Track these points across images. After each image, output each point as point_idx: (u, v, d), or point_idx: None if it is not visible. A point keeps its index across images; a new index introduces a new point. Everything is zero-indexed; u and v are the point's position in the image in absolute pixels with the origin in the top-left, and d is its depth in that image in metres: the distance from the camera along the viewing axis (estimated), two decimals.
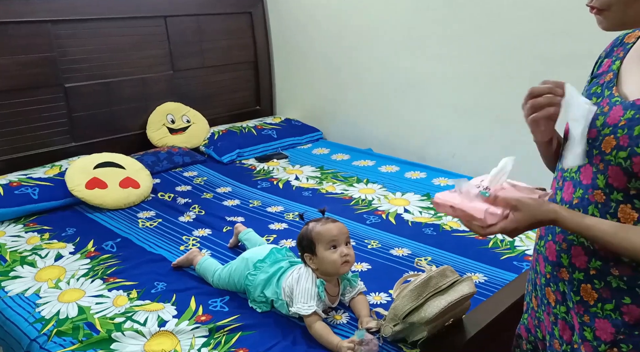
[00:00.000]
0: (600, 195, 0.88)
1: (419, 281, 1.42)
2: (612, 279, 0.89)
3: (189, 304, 1.69)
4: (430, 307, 1.38)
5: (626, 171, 0.84)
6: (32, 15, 2.69)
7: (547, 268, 1.00)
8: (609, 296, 0.89)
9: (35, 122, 2.78)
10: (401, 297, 1.42)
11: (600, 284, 0.90)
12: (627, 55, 0.93)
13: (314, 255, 1.52)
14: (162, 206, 2.47)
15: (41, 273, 1.90)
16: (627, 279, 0.87)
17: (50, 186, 2.46)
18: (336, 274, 1.55)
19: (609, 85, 0.92)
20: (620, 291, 0.88)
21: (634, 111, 0.84)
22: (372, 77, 3.18)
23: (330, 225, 1.53)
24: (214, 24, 3.39)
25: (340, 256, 1.50)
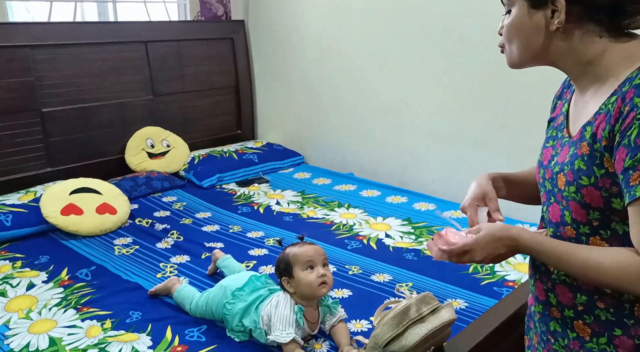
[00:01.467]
0: (571, 230, 0.90)
1: (400, 308, 1.40)
2: (599, 312, 0.89)
3: (164, 334, 1.64)
4: (410, 335, 1.35)
5: (581, 204, 0.86)
6: (11, 40, 2.67)
7: (539, 307, 1.01)
8: (601, 329, 0.89)
9: (10, 147, 2.74)
10: (381, 325, 1.40)
11: (590, 319, 0.90)
12: (573, 96, 0.96)
13: (291, 277, 1.51)
14: (140, 232, 2.42)
15: (11, 303, 1.84)
16: (614, 311, 0.87)
17: (24, 212, 2.40)
18: (314, 296, 1.53)
19: (560, 127, 0.96)
20: (609, 323, 0.88)
21: (574, 148, 0.88)
22: (352, 102, 3.21)
23: (307, 247, 1.55)
24: (195, 50, 3.40)
25: (317, 277, 1.49)
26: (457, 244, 0.92)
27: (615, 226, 0.84)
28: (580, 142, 0.87)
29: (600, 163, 0.83)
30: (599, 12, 0.84)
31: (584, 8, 0.84)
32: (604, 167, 0.83)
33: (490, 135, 2.65)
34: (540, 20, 0.87)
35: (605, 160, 0.82)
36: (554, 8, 0.85)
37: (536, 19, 0.87)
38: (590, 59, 0.87)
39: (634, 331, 0.86)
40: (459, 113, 2.75)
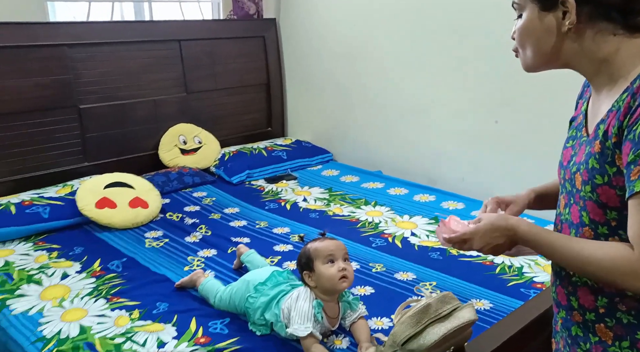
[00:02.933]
0: (589, 231, 0.88)
1: (419, 307, 1.39)
2: (621, 315, 0.87)
3: (189, 326, 1.68)
4: (429, 334, 1.34)
5: (598, 204, 0.85)
6: (51, 39, 2.77)
7: (561, 313, 1.00)
8: (623, 333, 0.88)
9: (49, 142, 2.84)
10: (400, 323, 1.39)
11: (612, 322, 0.89)
12: (590, 95, 0.95)
13: (312, 271, 1.53)
14: (170, 226, 2.48)
15: (46, 292, 1.92)
16: (635, 313, 0.86)
17: (60, 205, 2.50)
18: (334, 290, 1.53)
19: (579, 127, 0.96)
20: (631, 326, 0.86)
21: (589, 146, 0.87)
22: (382, 100, 3.19)
23: (328, 241, 1.56)
24: (227, 48, 3.45)
25: (338, 271, 1.49)
26: (458, 233, 0.96)
27: None
28: (594, 141, 0.86)
29: (612, 161, 0.81)
30: (609, 11, 0.83)
31: (594, 8, 0.83)
32: (615, 165, 0.81)
33: (519, 137, 2.59)
34: (551, 22, 0.87)
35: (616, 158, 0.81)
36: (564, 9, 0.85)
37: (547, 21, 0.87)
38: (604, 58, 0.86)
39: None
40: (488, 113, 2.70)
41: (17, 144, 2.73)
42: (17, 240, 2.34)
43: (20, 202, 2.45)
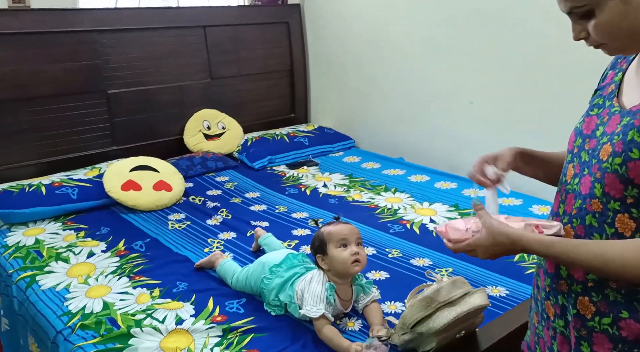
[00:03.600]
0: (597, 204, 0.87)
1: (430, 291, 1.41)
2: (609, 292, 0.87)
3: (207, 304, 1.73)
4: (439, 318, 1.36)
5: (622, 178, 0.82)
6: (80, 25, 2.84)
7: (547, 281, 0.98)
8: (606, 309, 0.87)
9: (79, 126, 2.93)
10: (410, 306, 1.41)
11: (597, 297, 0.88)
12: (630, 66, 0.92)
13: (325, 255, 1.55)
14: (192, 209, 2.54)
15: (73, 269, 2.00)
16: (625, 292, 0.85)
17: (88, 186, 2.58)
18: (347, 274, 1.55)
19: (610, 96, 0.93)
20: (617, 304, 0.86)
21: (629, 117, 0.84)
22: (404, 86, 3.17)
23: (341, 225, 1.57)
24: (252, 34, 3.48)
25: (350, 255, 1.51)
26: (461, 243, 0.98)
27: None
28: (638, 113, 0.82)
29: None
30: None
31: None
32: None
33: (542, 123, 2.54)
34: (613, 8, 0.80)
35: None
36: None
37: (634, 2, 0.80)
38: None
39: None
40: (511, 99, 2.66)
41: (49, 127, 2.82)
42: (47, 219, 2.43)
43: (50, 184, 2.54)
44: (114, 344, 1.54)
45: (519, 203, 2.47)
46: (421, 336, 1.38)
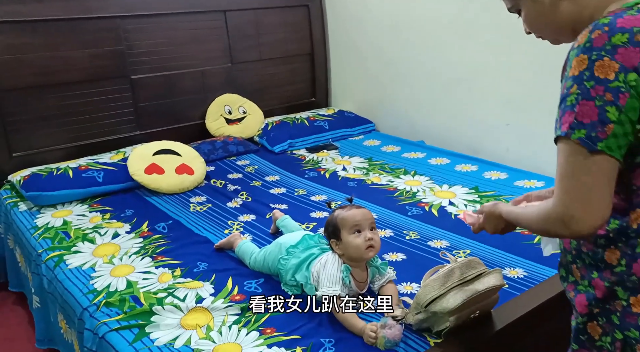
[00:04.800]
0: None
1: (444, 271, 1.41)
2: (584, 256, 0.96)
3: (225, 284, 1.77)
4: (453, 298, 1.36)
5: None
6: (104, 11, 2.89)
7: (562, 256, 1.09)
8: (585, 273, 0.96)
9: (104, 111, 2.99)
10: (424, 286, 1.42)
11: (579, 263, 0.97)
12: None
13: (339, 240, 1.56)
14: (213, 192, 2.59)
15: (98, 249, 2.06)
16: (592, 255, 0.94)
17: (113, 170, 2.65)
18: (361, 259, 1.57)
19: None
20: (590, 266, 0.95)
21: None
22: (426, 69, 3.13)
23: (355, 210, 1.57)
24: (272, 17, 3.48)
25: (365, 241, 1.52)
26: (474, 225, 1.24)
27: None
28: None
29: None
30: None
31: None
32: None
33: None
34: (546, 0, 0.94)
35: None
36: None
37: (542, 1, 0.95)
38: (593, 11, 0.92)
39: (605, 274, 0.92)
40: (534, 80, 2.60)
41: (76, 112, 2.89)
42: (74, 202, 2.51)
43: (77, 167, 2.62)
44: (136, 320, 1.59)
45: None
46: (435, 315, 1.39)
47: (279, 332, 1.50)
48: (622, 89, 0.80)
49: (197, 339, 1.50)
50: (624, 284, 0.89)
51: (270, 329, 1.52)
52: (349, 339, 1.46)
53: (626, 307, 0.90)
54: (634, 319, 0.89)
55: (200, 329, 1.54)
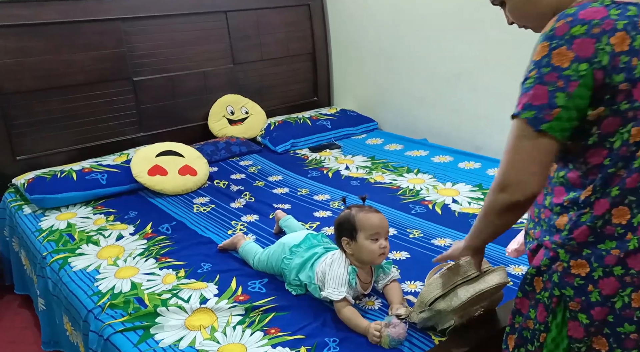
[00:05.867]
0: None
1: (447, 269, 1.41)
2: (542, 222, 1.06)
3: (230, 284, 1.77)
4: (457, 296, 1.36)
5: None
6: (105, 13, 2.89)
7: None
8: (539, 236, 1.07)
9: (107, 113, 3.00)
10: (428, 284, 1.41)
11: (538, 228, 1.07)
12: None
13: (353, 241, 1.53)
14: (216, 193, 2.59)
15: (103, 251, 2.07)
16: (547, 220, 1.04)
17: (117, 172, 2.65)
18: (371, 263, 1.57)
19: None
20: (544, 231, 1.05)
21: None
22: (428, 67, 3.13)
23: (375, 217, 1.54)
24: (273, 17, 3.48)
25: (379, 248, 1.51)
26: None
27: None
28: None
29: None
30: None
31: None
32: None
33: None
34: None
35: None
36: None
37: None
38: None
39: (554, 238, 1.01)
40: None
41: (79, 115, 2.90)
42: (78, 204, 2.52)
43: (80, 170, 2.62)
44: (141, 322, 1.59)
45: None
46: (439, 313, 1.39)
47: (283, 332, 1.50)
48: (573, 78, 0.87)
49: (202, 340, 1.50)
50: (565, 247, 0.99)
51: (275, 329, 1.52)
52: (353, 339, 1.45)
53: (566, 268, 0.99)
54: (571, 278, 0.99)
55: (204, 329, 1.54)
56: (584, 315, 0.99)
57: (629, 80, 0.88)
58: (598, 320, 0.98)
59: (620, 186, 0.93)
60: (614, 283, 0.95)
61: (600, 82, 0.88)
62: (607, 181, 0.93)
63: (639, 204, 0.93)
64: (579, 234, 0.97)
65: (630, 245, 0.94)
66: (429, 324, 1.45)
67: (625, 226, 0.94)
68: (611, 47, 0.87)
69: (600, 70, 0.87)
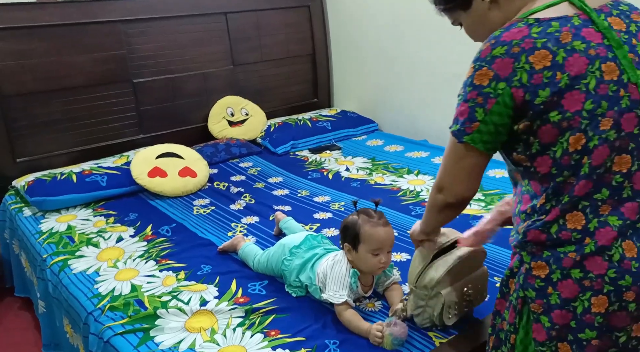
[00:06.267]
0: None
1: (425, 245, 1.43)
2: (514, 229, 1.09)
3: (230, 286, 1.77)
4: (436, 268, 1.39)
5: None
6: (105, 15, 2.90)
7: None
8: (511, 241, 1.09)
9: (107, 115, 3.00)
10: (411, 264, 1.44)
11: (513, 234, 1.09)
12: None
13: (355, 250, 1.52)
14: (217, 195, 2.59)
15: (103, 253, 2.07)
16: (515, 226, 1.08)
17: (117, 174, 2.65)
18: (369, 273, 1.57)
19: None
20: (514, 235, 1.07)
21: None
22: (428, 68, 3.12)
23: (381, 231, 1.50)
24: (273, 19, 3.48)
25: (379, 263, 1.51)
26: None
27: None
28: None
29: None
30: None
31: None
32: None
33: None
34: (478, 9, 1.08)
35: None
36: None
37: (476, 12, 1.09)
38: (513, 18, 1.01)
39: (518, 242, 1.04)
40: None
41: (80, 117, 2.90)
42: (78, 206, 2.52)
43: (80, 172, 2.62)
44: (141, 324, 1.59)
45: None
46: (428, 293, 1.39)
47: (283, 334, 1.50)
48: (491, 95, 0.95)
49: (202, 342, 1.50)
50: (526, 249, 1.02)
51: (275, 331, 1.52)
52: (353, 340, 1.45)
53: (528, 269, 1.02)
54: (533, 280, 1.01)
55: (204, 332, 1.54)
56: (546, 317, 0.99)
57: (555, 93, 0.91)
58: (559, 324, 0.98)
59: (570, 193, 0.95)
60: (572, 286, 0.96)
61: (521, 100, 0.93)
62: (558, 188, 0.96)
63: (593, 210, 0.94)
64: (533, 236, 0.99)
65: (586, 249, 0.95)
66: (426, 322, 1.45)
67: (581, 231, 0.95)
68: (530, 65, 0.91)
69: (520, 88, 0.92)
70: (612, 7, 0.98)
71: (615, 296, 0.94)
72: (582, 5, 0.95)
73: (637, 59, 0.93)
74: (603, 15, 0.96)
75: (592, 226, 0.95)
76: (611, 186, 0.94)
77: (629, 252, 0.94)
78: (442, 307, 1.38)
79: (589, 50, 0.91)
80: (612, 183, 0.94)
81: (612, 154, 0.93)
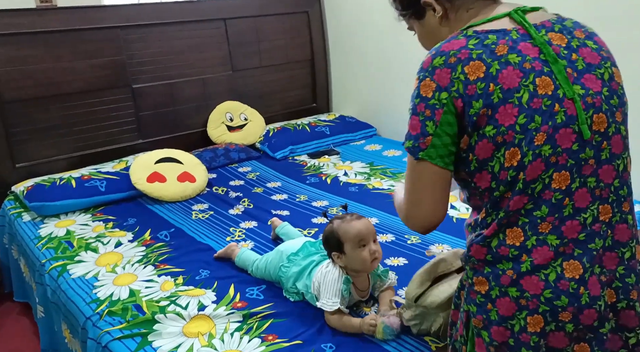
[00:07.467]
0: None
1: (431, 262, 1.42)
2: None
3: (228, 291, 1.78)
4: (438, 291, 1.37)
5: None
6: (104, 21, 2.91)
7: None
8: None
9: (106, 120, 3.01)
10: (412, 281, 1.43)
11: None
12: None
13: (342, 253, 1.53)
14: (215, 199, 2.60)
15: (101, 258, 2.07)
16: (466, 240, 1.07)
17: (116, 179, 2.66)
18: (366, 271, 1.57)
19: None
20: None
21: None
22: None
23: (356, 223, 1.52)
24: (272, 24, 3.50)
25: (370, 254, 1.51)
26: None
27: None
28: None
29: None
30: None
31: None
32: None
33: None
34: (430, 22, 1.09)
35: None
36: (430, 7, 1.06)
37: (428, 23, 1.10)
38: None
39: (464, 256, 1.04)
40: None
41: (79, 122, 2.91)
42: (77, 211, 2.52)
43: (79, 177, 2.63)
44: (139, 329, 1.60)
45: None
46: (426, 309, 1.39)
47: (280, 339, 1.51)
48: (437, 106, 0.93)
49: (200, 347, 1.50)
50: (469, 264, 1.01)
51: (272, 336, 1.53)
52: (349, 344, 1.46)
53: (471, 284, 1.01)
54: (474, 295, 1.00)
55: (202, 336, 1.55)
56: (486, 333, 0.99)
57: (488, 105, 0.90)
58: (498, 341, 0.97)
59: (505, 208, 0.94)
60: (509, 304, 0.95)
61: (461, 110, 0.92)
62: (496, 203, 0.95)
63: (532, 227, 0.93)
64: (474, 251, 0.99)
65: (522, 267, 0.94)
66: (423, 328, 1.45)
67: (519, 247, 0.94)
68: (465, 75, 0.91)
69: (458, 98, 0.92)
70: (554, 22, 0.98)
71: (551, 316, 0.93)
72: (521, 20, 0.95)
73: (575, 75, 0.92)
74: (544, 31, 0.95)
75: (530, 243, 0.93)
76: (550, 203, 0.92)
77: (570, 273, 0.93)
78: (441, 326, 1.38)
79: (524, 63, 0.91)
80: (551, 200, 0.92)
81: (549, 170, 0.91)
